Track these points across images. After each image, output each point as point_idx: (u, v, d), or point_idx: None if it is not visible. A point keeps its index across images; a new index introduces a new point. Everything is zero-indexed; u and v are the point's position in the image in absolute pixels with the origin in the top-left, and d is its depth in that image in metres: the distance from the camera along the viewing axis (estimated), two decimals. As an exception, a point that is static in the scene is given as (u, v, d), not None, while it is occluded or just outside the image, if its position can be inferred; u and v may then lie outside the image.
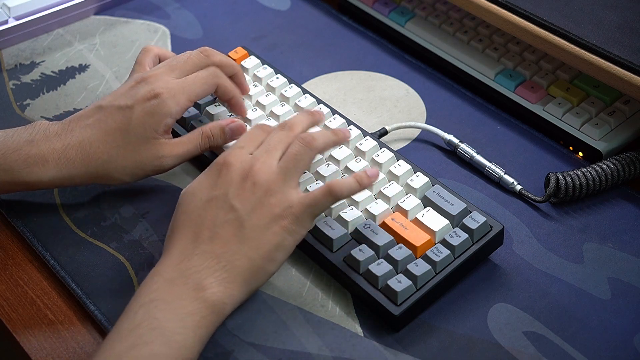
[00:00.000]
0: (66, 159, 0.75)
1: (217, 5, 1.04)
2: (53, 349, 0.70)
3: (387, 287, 0.69)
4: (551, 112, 0.86)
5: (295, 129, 0.74)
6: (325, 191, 0.69)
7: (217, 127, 0.78)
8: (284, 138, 0.73)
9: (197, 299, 0.65)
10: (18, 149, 0.75)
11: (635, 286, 0.72)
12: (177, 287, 0.65)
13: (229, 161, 0.70)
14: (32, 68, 0.96)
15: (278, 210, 0.68)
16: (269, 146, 0.72)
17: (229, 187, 0.69)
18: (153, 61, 0.83)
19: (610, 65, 0.79)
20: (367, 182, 0.71)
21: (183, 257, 0.67)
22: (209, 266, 0.66)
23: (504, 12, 0.85)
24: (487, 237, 0.72)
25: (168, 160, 0.77)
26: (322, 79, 0.94)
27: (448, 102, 0.90)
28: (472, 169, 0.82)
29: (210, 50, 0.81)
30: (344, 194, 0.70)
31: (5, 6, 0.98)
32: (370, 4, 1.01)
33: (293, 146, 0.71)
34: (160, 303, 0.64)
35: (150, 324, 0.63)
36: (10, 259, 0.77)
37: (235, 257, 0.67)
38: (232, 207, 0.68)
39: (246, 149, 0.72)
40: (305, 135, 0.72)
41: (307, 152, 0.71)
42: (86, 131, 0.76)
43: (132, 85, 0.78)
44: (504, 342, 0.68)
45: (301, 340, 0.69)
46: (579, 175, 0.78)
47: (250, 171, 0.69)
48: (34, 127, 0.77)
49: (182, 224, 0.69)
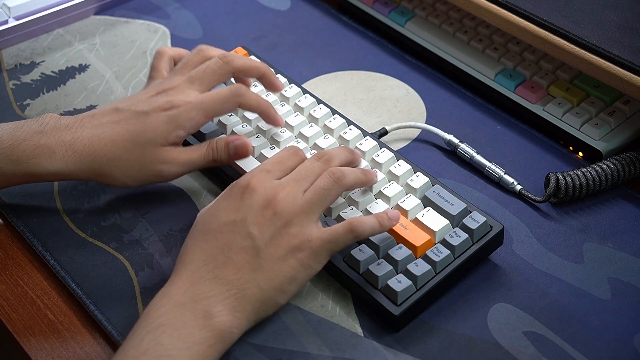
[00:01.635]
0: (73, 152, 0.74)
1: (217, 5, 1.04)
2: (53, 349, 0.70)
3: (387, 287, 0.69)
4: (551, 112, 0.86)
5: (331, 162, 0.72)
6: (347, 228, 0.68)
7: (223, 142, 0.77)
8: (316, 169, 0.71)
9: (205, 327, 0.64)
10: (27, 139, 0.74)
11: (635, 286, 0.72)
12: (185, 312, 0.64)
13: (252, 185, 0.69)
14: (32, 68, 0.96)
15: (296, 242, 0.67)
16: (298, 175, 0.70)
17: (249, 212, 0.67)
18: (169, 65, 0.83)
19: (610, 65, 0.79)
20: (388, 225, 0.71)
21: (194, 281, 0.65)
22: (219, 292, 0.65)
23: (504, 12, 0.85)
24: (487, 237, 0.72)
25: (171, 167, 0.76)
26: (322, 79, 0.94)
27: (448, 102, 0.90)
28: (472, 169, 0.82)
29: (231, 56, 0.79)
30: (366, 233, 0.69)
31: (5, 6, 0.98)
32: (370, 4, 1.01)
33: (322, 180, 0.70)
34: (167, 329, 0.63)
35: (156, 352, 0.61)
36: (10, 259, 0.77)
37: (247, 285, 0.66)
38: (250, 234, 0.67)
39: (272, 173, 0.70)
40: (335, 170, 0.70)
41: (335, 188, 0.70)
42: (98, 129, 0.75)
43: (152, 94, 0.77)
44: (504, 342, 0.68)
45: (301, 340, 0.69)
46: (579, 175, 0.78)
47: (273, 199, 0.68)
48: (44, 118, 0.76)
49: (197, 245, 0.68)
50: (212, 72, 0.78)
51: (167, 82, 0.79)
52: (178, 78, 0.79)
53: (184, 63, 0.80)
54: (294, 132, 0.82)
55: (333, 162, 0.72)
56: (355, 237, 0.69)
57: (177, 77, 0.79)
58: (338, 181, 0.70)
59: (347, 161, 0.74)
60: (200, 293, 0.65)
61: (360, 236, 0.69)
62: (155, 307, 0.64)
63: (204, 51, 0.81)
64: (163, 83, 0.79)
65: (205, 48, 0.82)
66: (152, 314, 0.64)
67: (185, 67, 0.80)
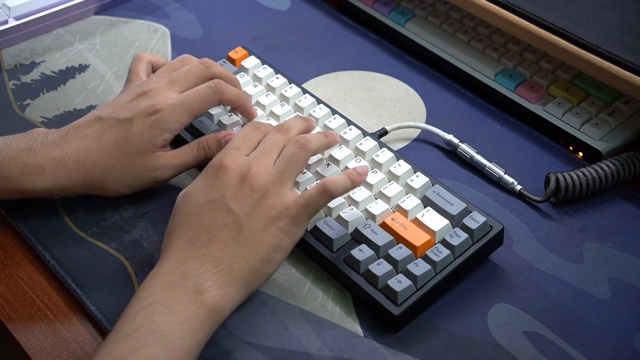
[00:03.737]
0: (63, 168, 0.75)
1: (217, 5, 1.04)
2: (53, 349, 0.70)
3: (387, 287, 0.69)
4: (551, 112, 0.86)
5: (290, 132, 0.75)
6: (320, 190, 0.70)
7: (214, 139, 0.78)
8: (279, 141, 0.73)
9: (196, 302, 0.65)
10: (15, 157, 0.75)
11: (635, 286, 0.72)
12: (176, 290, 0.65)
13: (225, 164, 0.71)
14: (32, 68, 0.96)
15: (275, 212, 0.69)
16: (264, 148, 0.72)
17: (226, 190, 0.69)
18: (147, 69, 0.84)
19: (610, 65, 0.79)
20: (358, 179, 0.73)
21: (181, 260, 0.67)
22: (207, 269, 0.66)
23: (504, 12, 0.85)
24: (487, 237, 0.72)
25: (164, 172, 0.77)
26: (322, 79, 0.94)
27: (448, 102, 0.90)
28: (472, 169, 0.82)
29: (211, 62, 0.81)
30: (339, 191, 0.71)
31: (5, 6, 0.98)
32: (370, 4, 1.01)
33: (288, 148, 0.72)
34: (159, 306, 0.64)
35: (149, 328, 0.62)
36: (10, 259, 0.77)
37: (234, 260, 0.67)
38: (230, 210, 0.68)
39: (242, 150, 0.72)
40: (299, 138, 0.73)
41: (301, 154, 0.72)
42: (84, 141, 0.76)
43: (132, 97, 0.78)
44: (504, 342, 0.68)
45: (301, 340, 0.69)
46: (579, 175, 0.78)
47: (247, 174, 0.70)
48: (31, 134, 0.77)
49: (180, 227, 0.69)
50: (193, 75, 0.80)
51: (146, 83, 0.79)
52: (158, 79, 0.80)
53: (167, 67, 0.82)
54: (294, 132, 0.82)
55: (292, 131, 0.75)
56: (330, 197, 0.70)
57: (157, 79, 0.80)
58: (303, 147, 0.73)
59: (304, 128, 0.77)
60: (190, 271, 0.66)
61: (334, 195, 0.70)
62: (146, 287, 0.66)
63: (187, 58, 0.83)
64: (142, 85, 0.79)
65: (188, 56, 0.84)
66: (143, 293, 0.65)
67: (167, 70, 0.82)
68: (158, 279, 0.66)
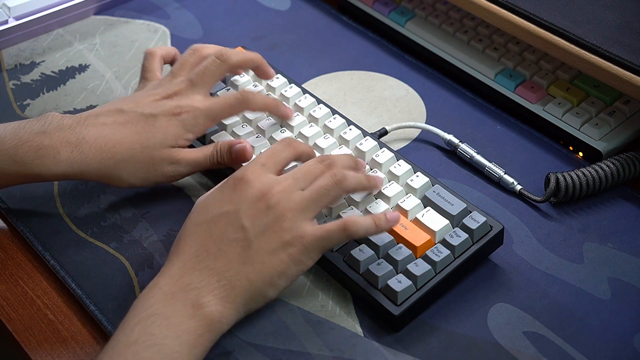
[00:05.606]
0: (79, 153, 0.74)
1: (217, 5, 1.04)
2: (53, 349, 0.70)
3: (387, 287, 0.69)
4: (551, 112, 0.86)
5: (332, 167, 0.71)
6: (340, 226, 0.68)
7: (227, 145, 0.78)
8: (316, 170, 0.70)
9: (195, 316, 0.64)
10: (29, 140, 0.74)
11: (635, 286, 0.72)
12: (175, 302, 0.64)
13: (247, 177, 0.69)
14: (32, 68, 0.96)
15: (288, 237, 0.67)
16: (297, 173, 0.70)
17: (242, 204, 0.67)
18: (160, 64, 0.84)
19: (610, 65, 0.79)
20: (385, 226, 0.69)
21: (185, 271, 0.66)
22: (208, 283, 0.65)
23: (504, 12, 0.85)
24: (487, 237, 0.72)
25: (179, 168, 0.77)
26: (322, 79, 0.94)
27: (448, 102, 0.90)
28: (472, 169, 0.82)
29: (227, 54, 0.80)
30: (359, 233, 0.68)
31: (5, 6, 0.98)
32: (370, 4, 1.01)
33: (323, 179, 0.69)
34: (157, 318, 0.63)
35: (147, 341, 0.62)
36: (10, 259, 0.77)
37: (237, 277, 0.66)
38: (242, 226, 0.67)
39: (267, 166, 0.70)
40: (337, 172, 0.70)
41: (334, 189, 0.69)
42: (103, 129, 0.75)
43: (156, 99, 0.78)
44: (504, 342, 0.68)
45: (301, 340, 0.69)
46: (579, 175, 0.78)
47: (267, 193, 0.68)
48: (46, 118, 0.76)
49: (190, 234, 0.68)
50: (211, 73, 0.79)
51: (168, 86, 0.79)
52: (179, 82, 0.79)
53: (181, 64, 0.81)
54: (294, 132, 0.82)
55: (335, 167, 0.71)
56: (348, 236, 0.68)
57: (178, 81, 0.79)
58: (339, 183, 0.69)
59: (350, 169, 0.73)
60: (191, 283, 0.65)
61: (353, 236, 0.68)
62: (145, 298, 0.65)
63: (199, 50, 0.82)
64: (165, 88, 0.79)
65: (200, 47, 0.82)
66: (142, 304, 0.64)
67: (183, 68, 0.81)
68: (158, 289, 0.65)
